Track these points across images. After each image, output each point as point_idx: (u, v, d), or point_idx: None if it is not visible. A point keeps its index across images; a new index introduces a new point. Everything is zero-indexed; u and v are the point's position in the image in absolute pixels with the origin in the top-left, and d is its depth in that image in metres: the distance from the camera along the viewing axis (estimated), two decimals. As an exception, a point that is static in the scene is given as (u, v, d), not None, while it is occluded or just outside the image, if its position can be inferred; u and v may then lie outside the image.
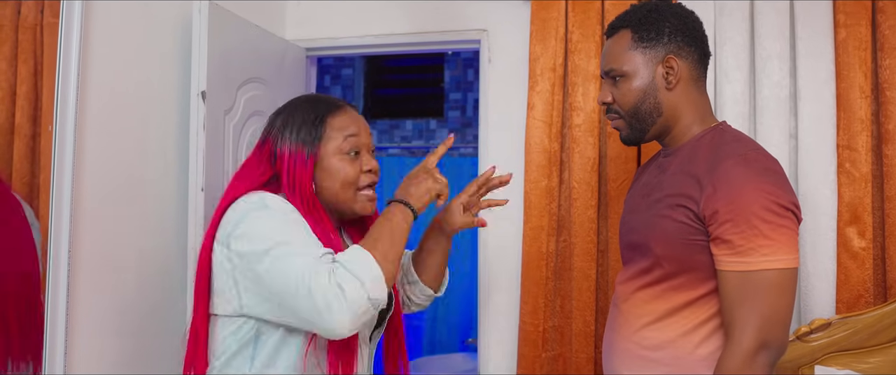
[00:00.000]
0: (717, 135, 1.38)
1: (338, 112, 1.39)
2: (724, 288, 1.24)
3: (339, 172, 1.36)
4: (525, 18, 2.30)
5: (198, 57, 1.92)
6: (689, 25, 1.41)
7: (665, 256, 1.32)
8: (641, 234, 1.39)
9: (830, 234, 1.94)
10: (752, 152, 1.29)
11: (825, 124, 1.97)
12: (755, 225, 1.19)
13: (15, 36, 1.51)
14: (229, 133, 2.05)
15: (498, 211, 2.34)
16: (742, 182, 1.22)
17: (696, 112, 1.41)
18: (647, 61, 1.39)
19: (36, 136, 1.53)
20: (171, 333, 1.90)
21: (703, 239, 1.27)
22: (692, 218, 1.28)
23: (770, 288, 1.20)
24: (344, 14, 2.55)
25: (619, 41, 1.43)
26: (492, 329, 2.37)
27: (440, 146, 1.44)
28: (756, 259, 1.20)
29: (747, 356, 1.19)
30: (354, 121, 1.40)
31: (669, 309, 1.33)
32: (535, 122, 2.22)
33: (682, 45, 1.39)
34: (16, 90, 1.50)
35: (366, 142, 1.41)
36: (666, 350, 1.33)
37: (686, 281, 1.31)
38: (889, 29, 1.92)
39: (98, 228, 1.66)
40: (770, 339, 1.20)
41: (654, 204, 1.38)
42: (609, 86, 1.45)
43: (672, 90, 1.39)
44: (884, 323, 1.75)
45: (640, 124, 1.42)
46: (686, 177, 1.32)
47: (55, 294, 1.50)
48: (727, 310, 1.24)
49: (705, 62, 1.44)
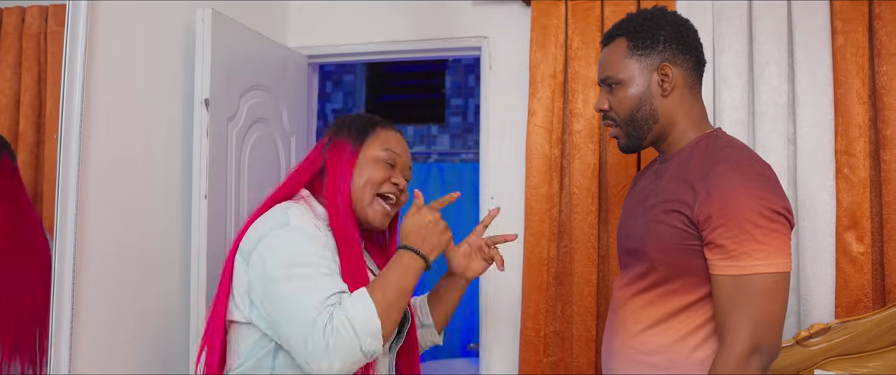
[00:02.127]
0: (711, 141, 1.39)
1: (389, 128, 1.51)
2: (717, 292, 1.25)
3: (368, 172, 1.43)
4: (525, 25, 2.32)
5: (201, 64, 1.93)
6: (684, 34, 1.43)
7: (660, 261, 1.34)
8: (638, 240, 1.41)
9: (829, 239, 1.95)
10: (745, 158, 1.30)
11: (823, 130, 1.98)
12: (748, 230, 1.21)
13: (19, 44, 1.52)
14: (232, 140, 2.06)
15: (499, 217, 2.36)
16: (735, 187, 1.23)
17: (692, 119, 1.43)
18: (643, 69, 1.41)
19: (40, 144, 1.54)
20: (175, 339, 1.91)
21: (697, 244, 1.29)
22: (686, 223, 1.29)
23: (762, 291, 1.21)
24: (345, 21, 2.57)
25: (614, 49, 1.45)
26: (493, 334, 2.37)
27: (445, 198, 1.48)
28: (749, 263, 1.21)
29: (740, 359, 1.20)
30: (399, 141, 1.50)
31: (665, 313, 1.35)
32: (536, 128, 2.23)
33: (677, 53, 1.41)
34: (20, 98, 1.51)
35: (404, 161, 1.49)
36: (662, 354, 1.34)
37: (681, 286, 1.33)
38: (886, 35, 1.93)
39: (102, 235, 1.67)
40: (763, 343, 1.21)
41: (649, 209, 1.40)
42: (606, 94, 1.47)
43: (667, 97, 1.41)
44: (883, 328, 1.76)
45: (636, 131, 1.44)
46: (680, 182, 1.34)
47: (60, 300, 1.51)
48: (720, 314, 1.25)
49: (701, 70, 1.46)
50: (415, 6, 2.50)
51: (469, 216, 4.29)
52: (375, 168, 1.44)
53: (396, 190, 1.47)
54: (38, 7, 1.55)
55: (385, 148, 1.46)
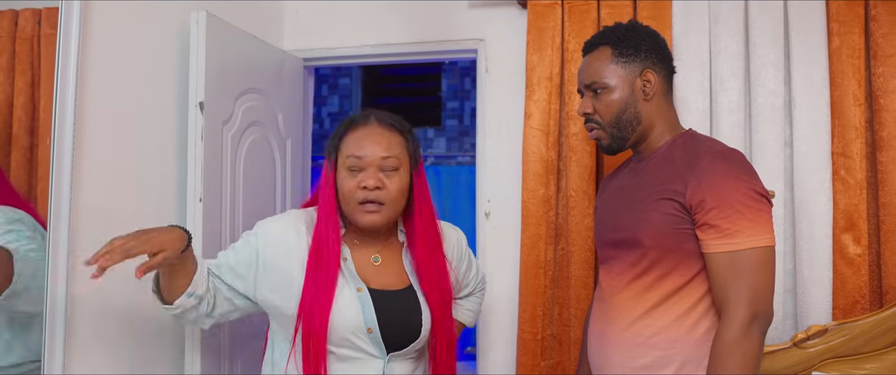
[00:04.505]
0: (689, 139, 1.54)
1: (354, 129, 1.52)
2: (714, 269, 1.40)
3: (341, 185, 1.50)
4: (521, 28, 2.32)
5: (195, 68, 1.92)
6: (661, 45, 1.58)
7: (653, 246, 1.46)
8: (628, 230, 1.51)
9: (826, 241, 1.95)
10: (727, 150, 1.47)
11: (820, 132, 1.98)
12: (739, 209, 1.36)
13: (12, 47, 1.51)
14: (227, 143, 2.05)
15: (496, 220, 2.36)
16: (723, 174, 1.39)
17: (667, 122, 1.58)
18: (627, 74, 1.54)
19: (33, 147, 1.53)
20: (169, 341, 1.90)
21: (689, 227, 1.42)
22: (679, 209, 1.43)
23: (756, 264, 1.36)
24: (341, 24, 2.56)
25: (598, 56, 1.58)
26: (490, 337, 2.37)
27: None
28: (742, 239, 1.36)
29: (743, 327, 1.34)
30: (361, 141, 1.50)
31: (661, 296, 1.46)
32: (533, 131, 2.23)
33: (656, 61, 1.56)
34: (13, 101, 1.50)
35: (370, 158, 1.47)
36: (662, 335, 1.45)
37: (673, 268, 1.45)
38: (882, 37, 1.93)
39: (96, 238, 1.66)
40: (760, 310, 1.35)
41: (636, 202, 1.52)
42: (590, 98, 1.59)
43: (649, 101, 1.55)
44: (880, 329, 1.76)
45: (621, 133, 1.56)
46: (668, 175, 1.47)
47: (53, 304, 1.50)
48: (719, 288, 1.39)
49: (672, 78, 1.61)
50: (411, 8, 2.49)
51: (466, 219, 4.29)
52: (343, 179, 1.49)
53: (368, 194, 1.47)
54: (31, 10, 1.54)
55: (347, 155, 1.49)
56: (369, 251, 1.56)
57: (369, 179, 1.46)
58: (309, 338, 1.44)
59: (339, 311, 1.45)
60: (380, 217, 1.48)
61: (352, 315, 1.46)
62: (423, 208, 1.55)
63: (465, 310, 1.86)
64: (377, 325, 1.47)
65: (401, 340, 1.50)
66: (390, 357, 1.50)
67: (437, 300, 1.55)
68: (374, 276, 1.53)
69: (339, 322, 1.45)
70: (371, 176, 1.46)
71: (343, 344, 1.46)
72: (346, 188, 1.48)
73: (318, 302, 1.44)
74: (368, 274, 1.53)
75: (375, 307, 1.47)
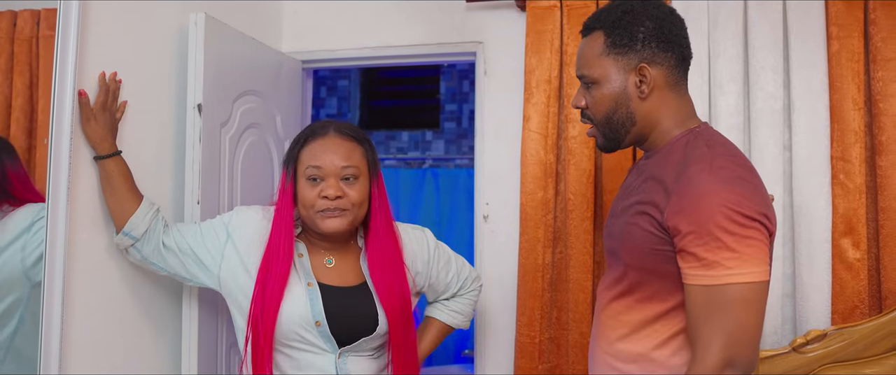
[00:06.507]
0: (692, 138, 1.30)
1: (313, 140, 1.55)
2: (688, 303, 1.18)
3: (300, 195, 1.54)
4: (520, 30, 2.32)
5: (194, 70, 1.92)
6: (667, 28, 1.32)
7: (632, 265, 1.29)
8: (615, 240, 1.35)
9: (825, 246, 1.95)
10: (721, 159, 1.21)
11: (819, 136, 1.98)
12: (718, 236, 1.13)
13: (11, 48, 1.51)
14: (225, 145, 2.04)
15: (494, 223, 2.36)
16: (703, 190, 1.16)
17: (675, 116, 1.34)
18: (620, 69, 1.33)
19: (31, 149, 1.53)
20: (167, 342, 1.89)
21: (668, 249, 1.22)
22: (656, 226, 1.23)
23: (736, 303, 1.13)
24: (340, 26, 2.56)
25: (591, 44, 1.37)
26: (488, 341, 2.36)
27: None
28: (721, 272, 1.13)
29: (712, 373, 1.13)
30: (324, 149, 1.53)
31: (642, 320, 1.29)
32: (531, 134, 2.23)
33: (657, 51, 1.31)
34: (11, 102, 1.50)
35: (329, 168, 1.51)
36: (639, 363, 1.29)
37: (656, 292, 1.26)
38: (881, 41, 1.93)
39: (94, 240, 1.66)
40: (736, 357, 1.13)
41: (625, 209, 1.34)
42: (583, 91, 1.40)
43: (646, 99, 1.33)
44: (879, 334, 1.75)
45: (613, 133, 1.37)
46: (655, 182, 1.27)
47: (50, 304, 1.49)
48: (692, 327, 1.18)
49: (685, 65, 1.36)
50: (409, 11, 2.49)
51: (464, 222, 4.29)
52: (303, 188, 1.53)
53: (329, 203, 1.50)
54: (29, 11, 1.54)
55: (307, 166, 1.52)
56: (325, 253, 1.61)
57: (329, 189, 1.50)
58: (258, 332, 1.48)
59: (288, 305, 1.50)
60: (343, 220, 1.52)
61: (300, 308, 1.50)
62: (380, 214, 1.59)
63: (450, 312, 1.84)
64: (325, 319, 1.50)
65: (351, 335, 1.53)
66: (342, 353, 1.53)
67: (392, 298, 1.57)
68: (327, 274, 1.58)
69: (288, 315, 1.50)
70: (331, 185, 1.50)
71: (293, 338, 1.51)
72: (307, 198, 1.51)
73: (267, 294, 1.49)
74: (321, 272, 1.57)
75: (324, 301, 1.52)
